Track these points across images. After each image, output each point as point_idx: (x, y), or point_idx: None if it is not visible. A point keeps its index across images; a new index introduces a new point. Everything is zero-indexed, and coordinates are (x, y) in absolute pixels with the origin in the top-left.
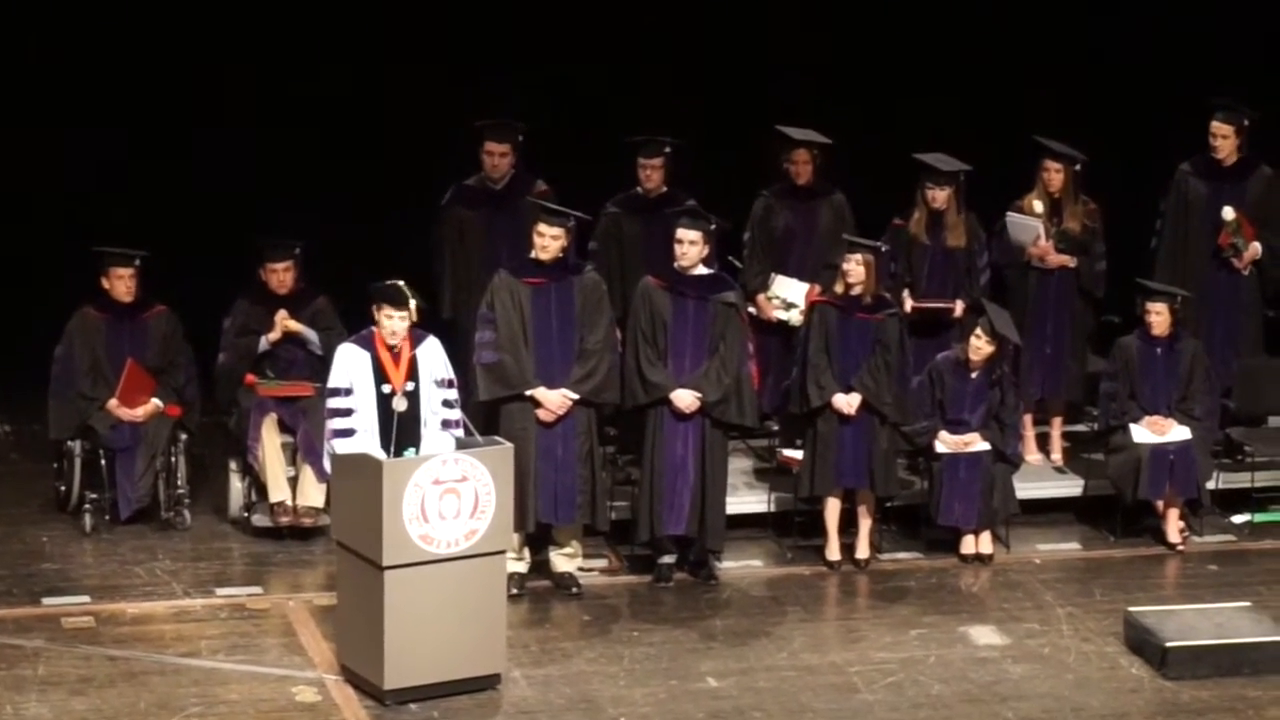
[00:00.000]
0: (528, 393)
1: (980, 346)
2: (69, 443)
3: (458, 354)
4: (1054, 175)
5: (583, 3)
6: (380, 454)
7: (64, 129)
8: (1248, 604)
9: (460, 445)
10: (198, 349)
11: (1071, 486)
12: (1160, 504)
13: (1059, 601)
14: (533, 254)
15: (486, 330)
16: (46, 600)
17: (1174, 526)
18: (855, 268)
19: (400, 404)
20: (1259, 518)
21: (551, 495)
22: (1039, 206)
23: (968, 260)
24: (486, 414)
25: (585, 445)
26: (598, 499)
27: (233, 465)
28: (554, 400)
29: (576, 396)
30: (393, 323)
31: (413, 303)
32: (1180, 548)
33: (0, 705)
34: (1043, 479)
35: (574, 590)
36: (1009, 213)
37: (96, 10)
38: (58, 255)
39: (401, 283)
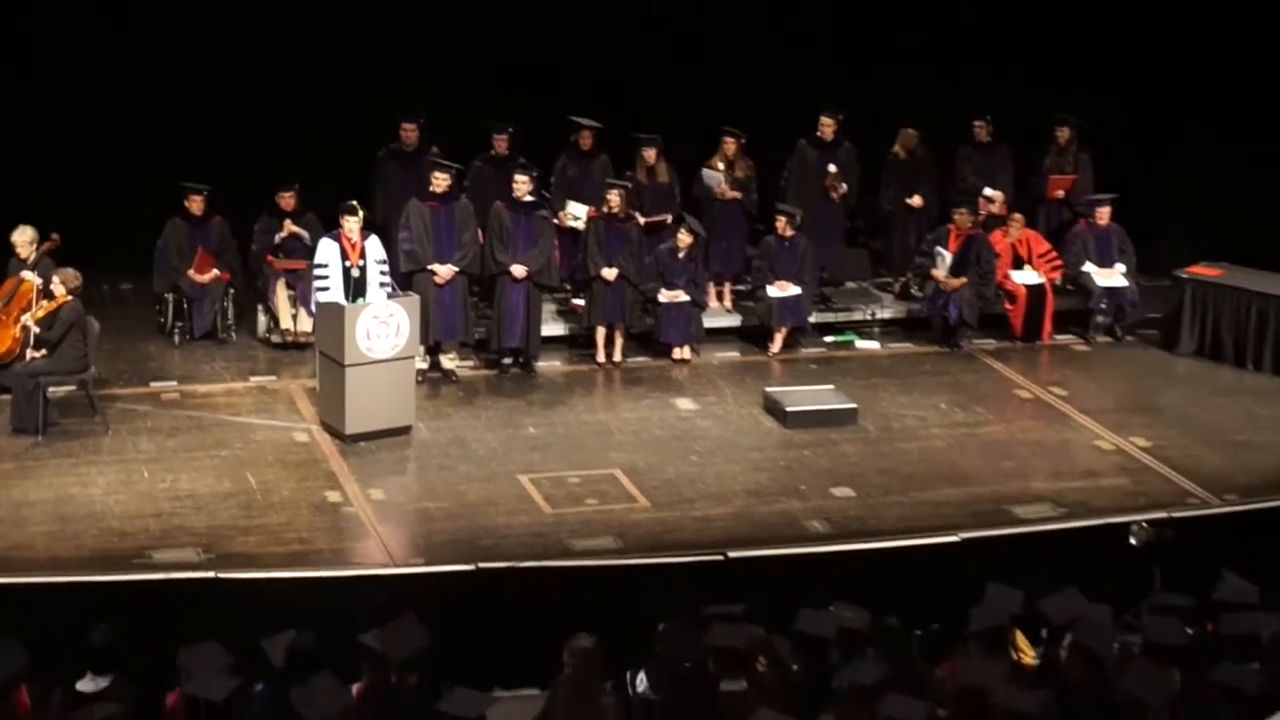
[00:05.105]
0: (429, 267)
1: (684, 239)
2: (166, 294)
3: (388, 245)
4: (729, 145)
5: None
6: (344, 302)
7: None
8: (831, 386)
9: (390, 297)
10: (239, 241)
11: (735, 320)
12: (783, 330)
13: (727, 386)
14: (431, 189)
15: (405, 232)
16: (153, 383)
17: (788, 342)
18: (613, 197)
19: (355, 273)
20: (838, 339)
21: (441, 324)
22: (720, 165)
23: (670, 191)
24: (404, 280)
25: (461, 296)
26: (468, 326)
27: (260, 308)
28: (444, 272)
29: (457, 269)
30: (350, 224)
31: (361, 213)
32: (802, 351)
33: (124, 443)
34: (719, 316)
35: (453, 379)
36: (703, 168)
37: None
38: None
39: (355, 202)
